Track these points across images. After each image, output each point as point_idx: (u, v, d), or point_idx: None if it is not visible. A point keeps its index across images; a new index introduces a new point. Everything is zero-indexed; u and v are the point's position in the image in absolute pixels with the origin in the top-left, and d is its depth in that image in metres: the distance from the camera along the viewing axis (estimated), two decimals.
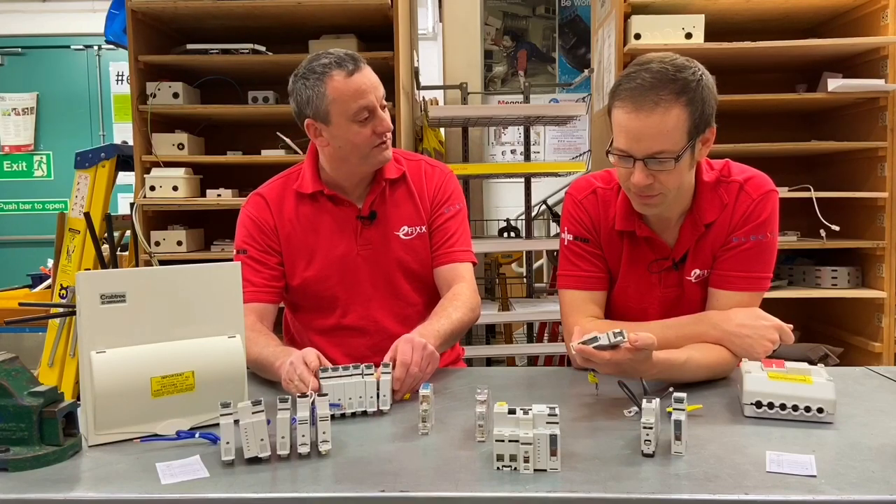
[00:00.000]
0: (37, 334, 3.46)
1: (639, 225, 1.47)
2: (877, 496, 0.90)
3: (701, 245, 1.47)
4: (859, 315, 2.85)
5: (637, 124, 1.30)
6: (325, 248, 1.64)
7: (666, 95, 1.29)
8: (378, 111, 1.54)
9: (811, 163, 3.15)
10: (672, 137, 1.30)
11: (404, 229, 1.66)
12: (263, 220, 1.66)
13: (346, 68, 1.51)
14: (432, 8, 5.25)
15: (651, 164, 1.31)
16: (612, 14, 2.88)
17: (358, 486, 0.95)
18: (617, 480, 0.94)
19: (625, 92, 1.31)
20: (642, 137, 1.30)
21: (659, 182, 1.33)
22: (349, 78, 1.51)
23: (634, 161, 1.32)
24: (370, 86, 1.53)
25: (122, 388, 1.11)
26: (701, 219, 1.44)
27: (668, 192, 1.36)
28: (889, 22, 2.65)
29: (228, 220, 3.14)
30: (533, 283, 3.71)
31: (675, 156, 1.30)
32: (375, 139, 1.56)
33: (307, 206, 1.65)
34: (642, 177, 1.32)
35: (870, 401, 1.30)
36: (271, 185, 1.71)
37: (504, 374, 1.68)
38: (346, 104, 1.51)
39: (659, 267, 1.49)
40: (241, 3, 2.73)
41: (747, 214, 1.43)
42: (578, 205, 1.54)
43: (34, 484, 0.96)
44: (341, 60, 1.52)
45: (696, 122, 1.31)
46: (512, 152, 5.16)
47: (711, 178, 1.45)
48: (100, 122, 5.85)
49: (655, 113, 1.28)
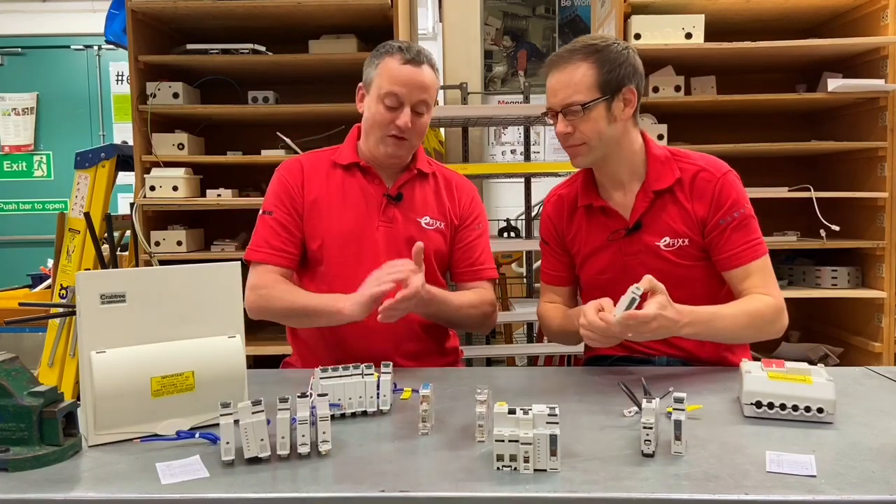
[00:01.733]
0: (37, 334, 3.46)
1: (595, 197, 1.66)
2: (877, 496, 0.90)
3: (661, 214, 1.60)
4: (859, 315, 2.85)
5: (553, 82, 1.57)
6: (348, 215, 1.69)
7: (573, 56, 1.55)
8: (405, 108, 1.63)
9: (811, 163, 3.15)
10: (580, 89, 1.53)
11: (426, 219, 1.74)
12: (294, 181, 1.71)
13: (405, 57, 1.63)
14: (432, 8, 5.25)
15: (568, 115, 1.55)
16: (612, 14, 2.88)
17: (358, 486, 0.95)
18: (617, 480, 0.94)
19: (548, 60, 1.60)
20: (557, 91, 1.56)
21: (579, 131, 1.55)
22: (401, 65, 1.62)
23: (557, 114, 1.57)
24: (413, 82, 1.62)
25: (122, 388, 1.11)
26: (651, 185, 1.61)
27: (590, 140, 1.56)
28: (889, 22, 2.65)
29: (228, 220, 3.16)
30: (533, 283, 3.71)
31: (583, 104, 1.53)
32: (391, 127, 1.64)
33: (340, 174, 1.73)
34: (562, 126, 1.56)
35: (870, 401, 1.30)
36: (312, 154, 1.80)
37: (504, 374, 1.68)
38: (383, 81, 1.63)
39: (617, 235, 1.63)
40: (241, 3, 2.73)
41: (717, 196, 1.58)
42: (544, 212, 1.79)
43: (34, 484, 0.96)
44: (408, 50, 1.64)
45: (605, 79, 1.53)
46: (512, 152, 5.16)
47: (661, 153, 1.64)
48: (100, 122, 5.84)
49: (566, 70, 1.55)
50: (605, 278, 1.65)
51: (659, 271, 1.54)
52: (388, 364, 1.28)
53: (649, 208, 1.60)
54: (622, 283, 1.54)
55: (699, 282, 1.60)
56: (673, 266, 1.59)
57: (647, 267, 1.58)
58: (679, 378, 1.43)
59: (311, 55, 2.91)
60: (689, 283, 1.59)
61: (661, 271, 1.55)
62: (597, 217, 1.66)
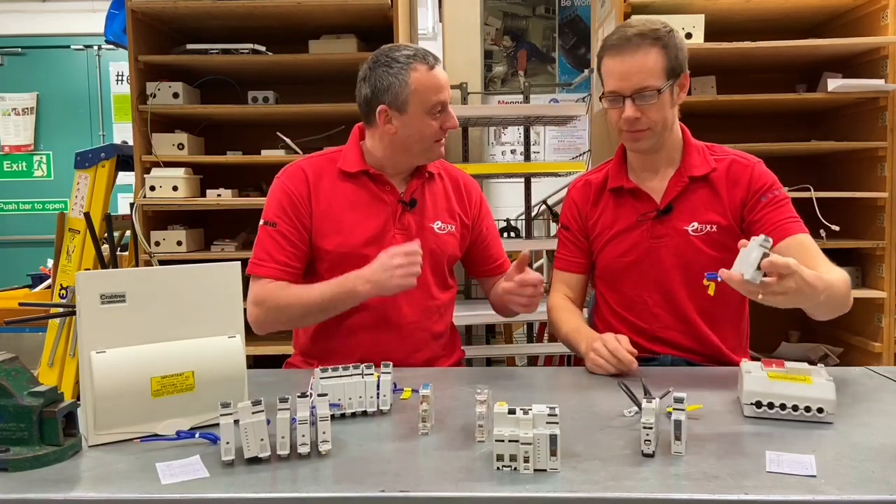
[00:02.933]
0: (37, 334, 3.46)
1: (626, 180, 1.69)
2: (877, 496, 0.90)
3: (693, 200, 1.63)
4: (859, 315, 2.85)
5: (623, 66, 1.55)
6: (362, 225, 1.65)
7: (643, 42, 1.54)
8: (448, 107, 1.63)
9: (811, 163, 3.14)
10: (654, 74, 1.54)
11: (438, 223, 1.72)
12: (299, 192, 1.65)
13: (428, 62, 1.60)
14: (432, 8, 5.25)
15: (637, 100, 1.55)
16: (612, 14, 2.88)
17: (358, 486, 0.95)
18: (617, 480, 0.94)
19: (611, 42, 1.58)
20: (629, 76, 1.55)
21: (646, 116, 1.56)
22: (431, 71, 1.60)
23: (624, 99, 1.56)
24: (447, 82, 1.63)
25: (122, 388, 1.11)
26: (686, 171, 1.64)
27: (655, 125, 1.58)
28: (889, 22, 2.65)
29: (228, 220, 3.16)
30: None
31: (657, 89, 1.54)
32: (440, 134, 1.64)
33: (348, 184, 1.68)
34: (632, 111, 1.56)
35: (870, 401, 1.30)
36: (312, 159, 1.73)
37: (504, 374, 1.68)
38: (427, 96, 1.59)
39: (647, 217, 1.66)
40: (241, 3, 2.72)
41: (754, 180, 1.61)
42: (568, 197, 1.80)
43: (34, 484, 0.96)
44: (424, 55, 1.61)
45: (671, 65, 1.56)
46: (512, 152, 5.16)
47: (699, 144, 1.68)
48: (100, 122, 5.85)
49: (637, 55, 1.54)
50: (626, 261, 1.67)
51: (684, 256, 1.62)
52: (388, 364, 1.28)
53: (682, 193, 1.64)
54: (644, 266, 1.66)
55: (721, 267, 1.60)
56: (697, 252, 1.61)
57: (673, 250, 1.62)
58: (679, 378, 1.43)
59: (310, 55, 2.91)
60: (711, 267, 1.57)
61: (685, 256, 1.62)
62: (626, 200, 1.69)
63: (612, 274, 1.71)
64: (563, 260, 1.80)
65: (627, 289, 1.68)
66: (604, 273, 1.73)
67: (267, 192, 1.73)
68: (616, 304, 1.71)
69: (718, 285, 1.60)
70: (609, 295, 1.73)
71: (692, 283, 1.62)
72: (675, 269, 1.63)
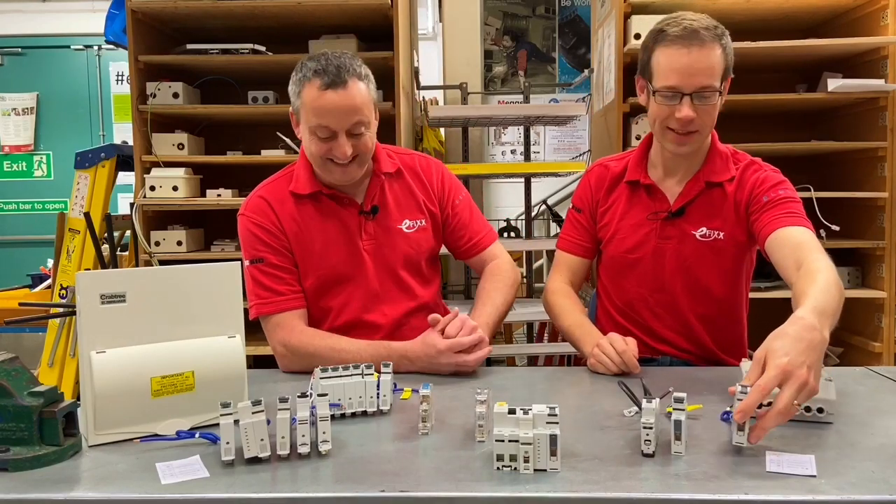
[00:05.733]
0: (37, 334, 3.46)
1: (644, 175, 1.64)
2: (877, 496, 0.90)
3: (706, 205, 1.60)
4: (859, 315, 2.85)
5: (689, 60, 1.44)
6: (331, 247, 1.62)
7: (709, 36, 1.45)
8: (340, 136, 1.49)
9: (811, 163, 3.14)
10: (716, 73, 1.46)
11: (406, 223, 1.67)
12: (270, 223, 1.61)
13: (325, 80, 1.46)
14: (432, 8, 5.25)
15: (696, 99, 1.46)
16: (612, 14, 2.88)
17: (358, 486, 0.95)
18: (617, 480, 0.94)
19: (674, 33, 1.46)
20: (695, 72, 1.44)
21: (699, 118, 1.48)
22: (322, 92, 1.46)
23: (682, 97, 1.46)
24: (339, 108, 1.47)
25: (122, 388, 1.11)
26: (705, 176, 1.59)
27: (704, 129, 1.52)
28: (889, 22, 2.65)
29: (228, 220, 3.15)
30: (533, 283, 3.71)
31: (718, 90, 1.46)
32: (330, 157, 1.52)
33: (308, 206, 1.63)
34: (689, 110, 1.46)
35: (870, 401, 1.30)
36: (268, 186, 1.67)
37: (504, 374, 1.68)
38: (309, 115, 1.50)
39: (657, 216, 1.62)
40: (241, 3, 2.73)
41: (762, 180, 1.56)
42: (585, 179, 1.74)
43: (34, 484, 0.96)
44: (325, 71, 1.46)
45: (727, 65, 1.49)
46: (512, 152, 5.16)
47: (724, 149, 1.63)
48: (100, 122, 5.85)
49: (705, 49, 1.44)
50: (632, 258, 1.65)
51: (687, 260, 1.61)
52: (388, 364, 1.28)
53: (696, 197, 1.60)
54: (648, 265, 1.64)
55: (723, 275, 1.62)
56: (700, 257, 1.60)
57: (678, 254, 1.61)
58: (679, 378, 1.43)
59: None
60: (713, 274, 1.61)
61: (689, 260, 1.61)
62: (640, 195, 1.65)
63: (617, 268, 1.69)
64: (569, 241, 1.75)
65: (631, 285, 1.68)
66: (609, 265, 1.72)
67: None
68: (619, 299, 1.71)
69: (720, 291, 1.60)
70: (612, 290, 1.72)
71: (693, 288, 1.62)
72: (677, 273, 1.62)
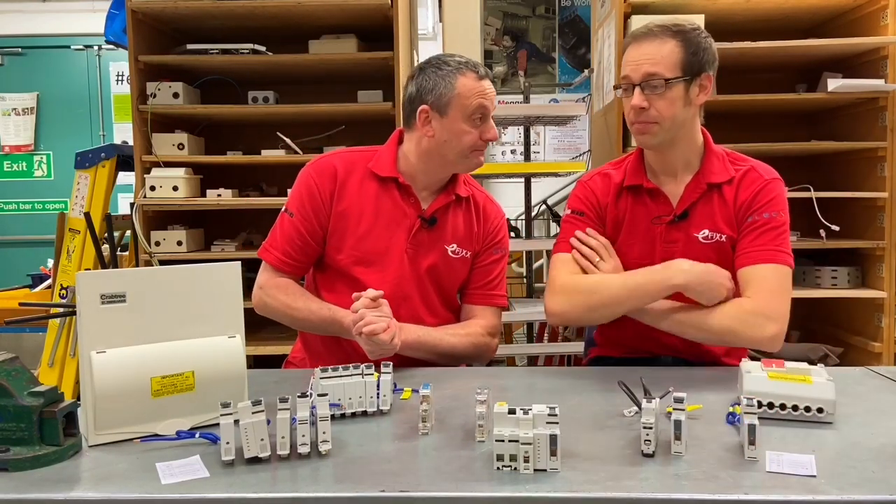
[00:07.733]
0: (37, 334, 3.46)
1: (645, 179, 1.65)
2: (877, 496, 0.90)
3: (707, 207, 1.61)
4: (859, 315, 2.85)
5: (636, 54, 1.55)
6: (375, 232, 1.64)
7: (662, 32, 1.54)
8: (490, 119, 1.63)
9: (811, 163, 3.14)
10: (664, 63, 1.52)
11: (454, 247, 1.69)
12: (323, 189, 1.65)
13: (477, 72, 1.61)
14: (432, 8, 5.25)
15: (646, 89, 1.53)
16: (612, 14, 2.88)
17: (358, 486, 0.95)
18: (617, 480, 0.94)
19: (633, 34, 1.58)
20: (640, 63, 1.54)
21: (654, 108, 1.53)
22: (479, 80, 1.61)
23: (634, 87, 1.54)
24: (492, 94, 1.63)
25: (122, 388, 1.11)
26: (705, 177, 1.61)
27: (664, 120, 1.54)
28: (889, 22, 2.65)
29: (228, 220, 3.16)
30: (533, 283, 3.71)
31: (665, 79, 1.52)
32: (479, 143, 1.63)
33: (374, 186, 1.66)
34: (639, 99, 1.53)
35: (870, 401, 1.30)
36: (346, 154, 1.71)
37: (504, 374, 1.68)
38: (468, 100, 1.59)
39: (661, 221, 1.62)
40: (241, 3, 2.72)
41: (757, 193, 1.58)
42: (584, 185, 1.73)
43: (34, 484, 0.96)
44: (476, 65, 1.63)
45: (689, 60, 1.53)
46: (512, 152, 5.16)
47: (720, 151, 1.65)
48: (100, 122, 5.85)
49: (652, 43, 1.54)
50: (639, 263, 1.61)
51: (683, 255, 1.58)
52: (389, 364, 1.28)
53: (698, 199, 1.61)
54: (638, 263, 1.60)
55: None
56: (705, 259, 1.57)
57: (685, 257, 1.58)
58: (679, 378, 1.43)
59: (310, 55, 2.91)
60: None
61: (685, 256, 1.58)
62: (642, 200, 1.65)
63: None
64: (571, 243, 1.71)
65: None
66: None
67: (266, 192, 1.73)
68: None
69: None
70: None
71: None
72: None
